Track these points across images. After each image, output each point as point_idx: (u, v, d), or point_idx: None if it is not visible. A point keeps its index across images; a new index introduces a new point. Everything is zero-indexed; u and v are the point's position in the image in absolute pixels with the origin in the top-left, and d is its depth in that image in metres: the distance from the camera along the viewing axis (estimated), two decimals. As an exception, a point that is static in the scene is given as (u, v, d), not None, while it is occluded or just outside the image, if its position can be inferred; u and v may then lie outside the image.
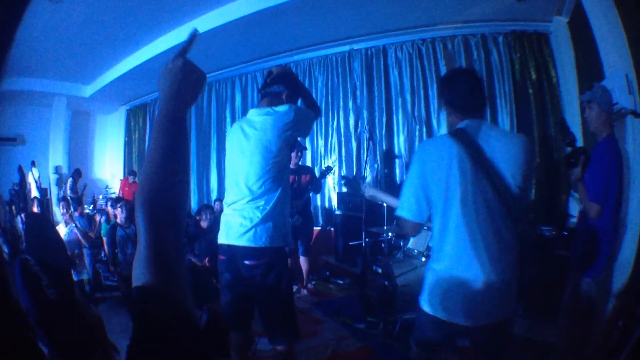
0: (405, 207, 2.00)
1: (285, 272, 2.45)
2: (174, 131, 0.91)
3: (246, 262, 2.35)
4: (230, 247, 2.42)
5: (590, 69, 3.93)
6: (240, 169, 2.44)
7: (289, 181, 2.58)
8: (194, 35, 1.01)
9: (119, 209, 5.21)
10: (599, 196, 2.72)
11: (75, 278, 2.97)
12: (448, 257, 1.92)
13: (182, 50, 0.98)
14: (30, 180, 8.41)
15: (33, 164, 8.81)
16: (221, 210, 2.95)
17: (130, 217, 5.03)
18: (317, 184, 5.41)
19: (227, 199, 2.55)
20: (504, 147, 1.89)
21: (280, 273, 2.40)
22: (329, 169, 5.67)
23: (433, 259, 2.03)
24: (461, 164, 1.87)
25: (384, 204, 4.67)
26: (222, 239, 2.49)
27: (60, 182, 9.51)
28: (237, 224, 2.38)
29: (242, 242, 2.36)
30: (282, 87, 2.55)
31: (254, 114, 2.52)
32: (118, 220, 5.18)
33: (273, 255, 2.38)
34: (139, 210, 0.84)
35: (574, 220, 4.86)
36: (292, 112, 2.42)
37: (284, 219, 2.47)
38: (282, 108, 2.44)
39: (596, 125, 2.88)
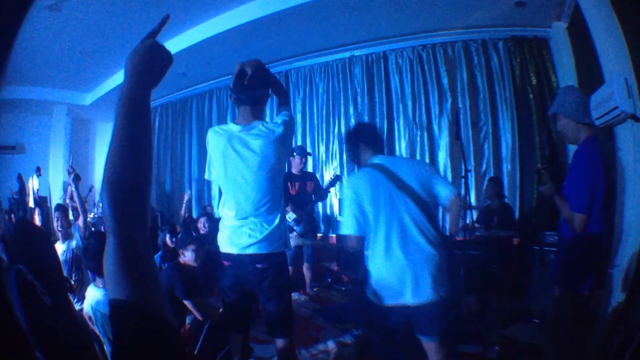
0: (347, 225, 2.51)
1: (287, 273, 2.73)
2: (137, 111, 0.91)
3: (258, 265, 2.54)
4: (238, 255, 2.56)
5: (590, 73, 3.93)
6: (244, 189, 2.53)
7: (284, 190, 2.83)
8: (165, 20, 1.03)
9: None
10: (584, 205, 2.54)
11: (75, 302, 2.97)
12: (379, 257, 2.44)
13: (152, 32, 0.99)
14: (30, 188, 8.39)
15: (38, 170, 8.78)
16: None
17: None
18: (322, 192, 5.38)
19: (230, 211, 2.61)
20: (411, 170, 2.51)
21: (284, 274, 2.67)
22: (337, 178, 5.53)
23: (369, 261, 2.51)
24: (386, 187, 2.46)
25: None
26: (227, 247, 2.61)
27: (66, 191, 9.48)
28: (246, 235, 2.53)
29: (251, 250, 2.53)
30: (264, 89, 2.57)
31: (245, 133, 2.51)
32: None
33: (278, 259, 2.60)
34: (104, 192, 0.83)
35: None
36: (288, 136, 2.58)
37: (284, 227, 2.68)
38: (277, 129, 2.50)
39: (570, 135, 2.76)
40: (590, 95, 2.94)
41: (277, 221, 2.57)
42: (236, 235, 2.56)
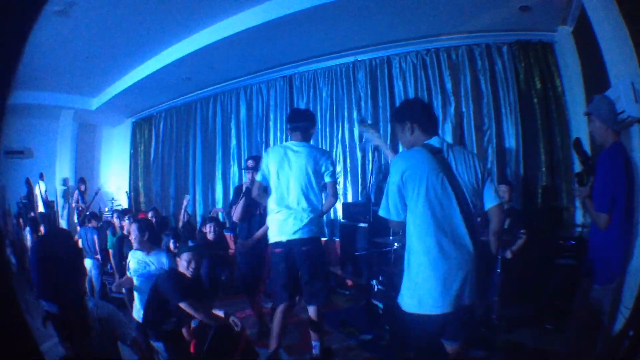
0: (384, 208, 2.36)
1: (323, 253, 3.67)
2: None
3: (303, 248, 3.38)
4: (287, 241, 3.38)
5: (596, 77, 3.92)
6: (289, 188, 3.41)
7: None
8: None
9: (127, 221, 5.17)
10: (605, 205, 2.72)
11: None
12: (425, 260, 2.21)
13: None
14: (37, 194, 8.40)
15: (41, 176, 8.80)
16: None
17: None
18: None
19: (277, 205, 3.43)
20: (468, 163, 2.31)
21: (322, 253, 3.60)
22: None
23: (412, 258, 2.28)
24: (439, 175, 2.22)
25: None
26: (276, 236, 3.44)
27: (66, 195, 9.50)
28: (291, 224, 3.38)
29: (297, 235, 3.36)
30: (306, 123, 3.56)
31: (293, 149, 3.46)
32: (125, 232, 5.15)
33: (316, 242, 3.50)
34: None
35: (579, 229, 4.84)
36: (329, 157, 3.55)
37: (321, 219, 3.68)
38: (314, 150, 3.51)
39: (600, 137, 2.88)
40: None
41: (314, 213, 3.41)
42: (283, 224, 3.39)
